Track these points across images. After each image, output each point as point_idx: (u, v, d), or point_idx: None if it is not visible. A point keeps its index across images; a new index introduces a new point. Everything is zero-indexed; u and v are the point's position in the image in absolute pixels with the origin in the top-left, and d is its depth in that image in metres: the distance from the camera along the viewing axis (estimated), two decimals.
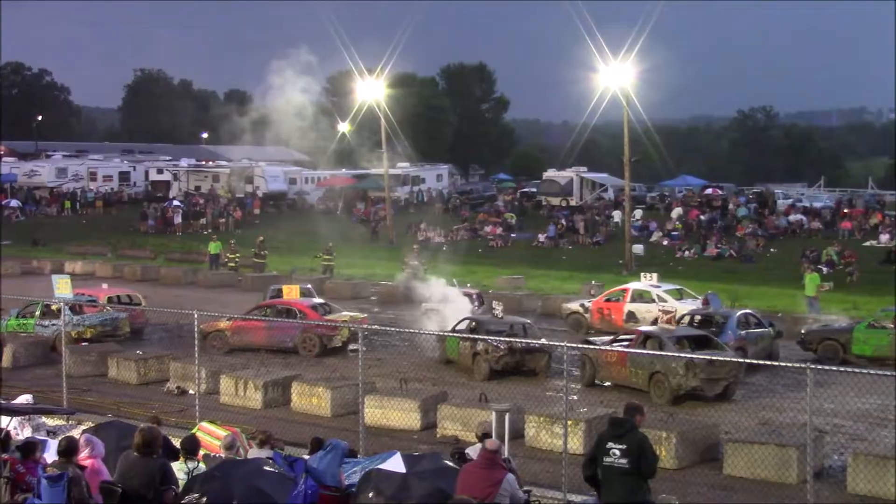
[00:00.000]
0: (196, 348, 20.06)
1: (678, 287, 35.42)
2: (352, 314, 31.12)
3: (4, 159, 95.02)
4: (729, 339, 26.56)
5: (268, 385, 23.18)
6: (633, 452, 11.77)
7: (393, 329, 26.55)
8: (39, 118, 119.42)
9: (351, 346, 29.21)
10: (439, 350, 28.73)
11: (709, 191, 74.03)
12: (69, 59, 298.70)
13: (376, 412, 20.73)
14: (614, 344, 25.72)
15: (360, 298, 42.15)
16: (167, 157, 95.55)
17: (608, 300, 34.34)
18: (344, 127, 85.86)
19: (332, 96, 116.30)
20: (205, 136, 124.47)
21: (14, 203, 76.49)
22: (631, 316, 33.15)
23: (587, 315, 34.21)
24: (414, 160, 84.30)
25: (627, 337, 26.54)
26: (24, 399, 20.80)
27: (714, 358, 21.84)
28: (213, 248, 51.05)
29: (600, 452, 11.98)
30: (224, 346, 29.95)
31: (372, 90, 64.11)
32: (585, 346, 24.53)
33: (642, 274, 36.52)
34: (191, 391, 22.94)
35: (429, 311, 32.42)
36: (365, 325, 19.70)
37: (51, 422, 19.44)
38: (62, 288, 30.99)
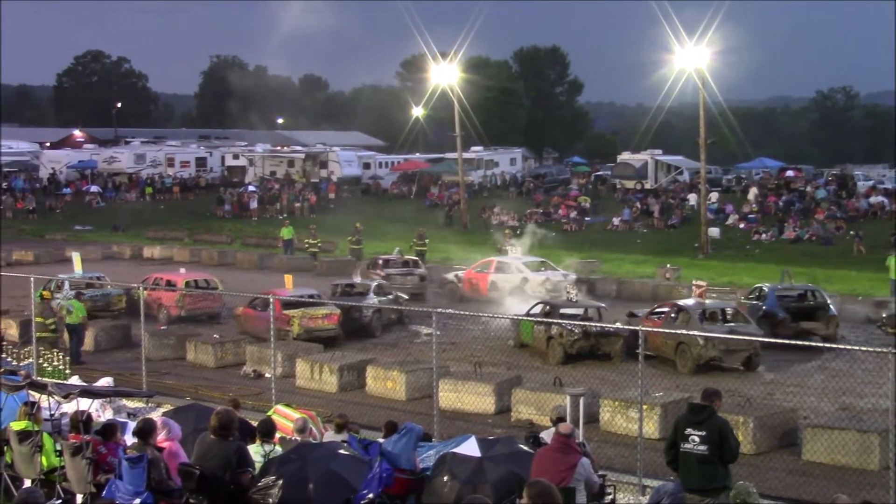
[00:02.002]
0: (272, 332, 20.20)
1: (541, 259, 38.39)
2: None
3: (85, 146, 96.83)
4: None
5: (343, 369, 23.29)
6: (713, 439, 11.64)
7: (467, 313, 26.48)
8: (118, 105, 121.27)
9: (426, 330, 29.26)
10: (513, 334, 28.69)
11: (787, 173, 72.89)
12: (147, 47, 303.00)
13: (450, 396, 20.74)
14: (651, 315, 27.51)
15: (433, 283, 42.20)
16: (243, 143, 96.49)
17: (477, 271, 37.31)
18: (418, 111, 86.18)
19: (406, 81, 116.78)
20: (280, 121, 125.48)
21: (94, 189, 77.75)
22: (493, 285, 36.13)
23: (460, 285, 36.77)
24: (487, 144, 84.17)
25: (661, 310, 28.00)
26: (104, 382, 21.25)
27: (707, 336, 23.77)
28: (286, 233, 51.19)
29: (679, 438, 11.86)
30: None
31: (446, 74, 64.10)
32: (669, 331, 24.34)
33: (508, 247, 40.24)
34: (267, 374, 23.14)
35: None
36: (439, 309, 19.66)
37: (131, 404, 19.77)
38: (77, 265, 34.51)
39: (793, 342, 23.87)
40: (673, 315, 26.72)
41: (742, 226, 58.18)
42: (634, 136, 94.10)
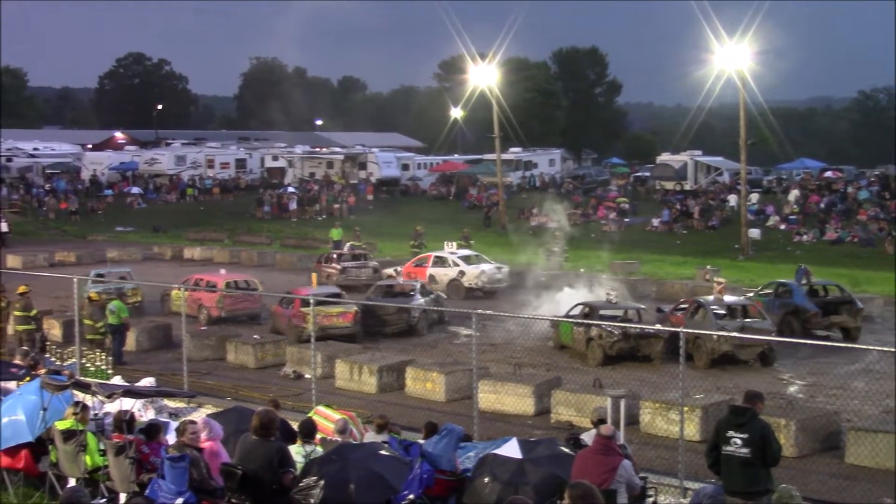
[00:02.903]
0: (312, 333, 20.25)
1: (476, 253, 41.11)
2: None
3: (126, 148, 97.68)
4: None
5: (382, 370, 23.32)
6: (754, 441, 11.56)
7: (507, 314, 26.39)
8: (159, 107, 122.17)
9: (465, 331, 29.28)
10: (553, 335, 28.64)
11: (828, 173, 72.30)
12: (187, 49, 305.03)
13: (490, 397, 20.75)
14: (676, 312, 28.31)
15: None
16: (282, 144, 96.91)
17: (416, 265, 39.58)
18: (457, 112, 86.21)
19: (445, 82, 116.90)
20: (319, 122, 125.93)
21: (135, 190, 78.38)
22: (432, 278, 38.16)
23: (400, 279, 37.36)
24: (526, 145, 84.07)
25: (683, 306, 28.78)
26: (146, 382, 21.42)
27: (703, 332, 24.68)
28: (336, 234, 50.76)
29: (720, 440, 11.80)
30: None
31: (484, 75, 64.08)
32: (700, 331, 24.22)
33: (445, 242, 41.96)
34: (307, 375, 23.22)
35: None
36: (479, 311, 19.66)
37: (172, 404, 19.89)
38: None
39: (808, 342, 24.08)
40: (693, 311, 27.46)
41: (783, 227, 57.78)
42: (674, 136, 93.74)
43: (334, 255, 42.25)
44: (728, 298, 28.36)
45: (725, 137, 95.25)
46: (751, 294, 30.93)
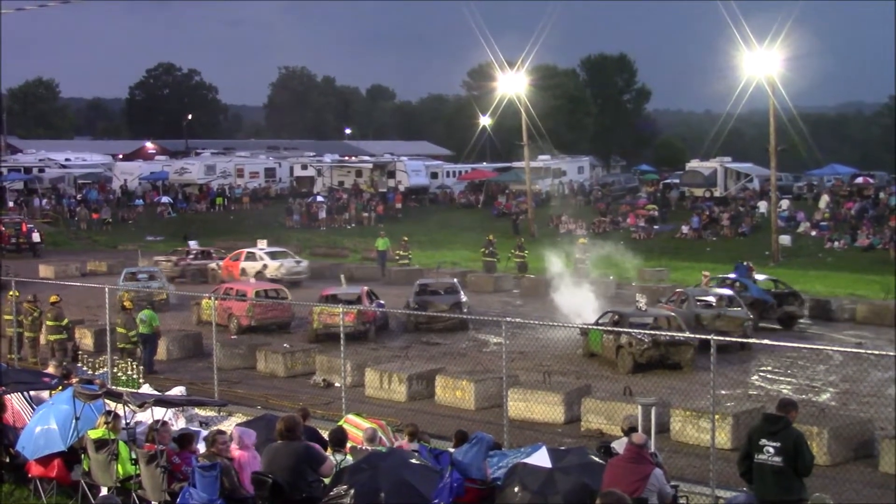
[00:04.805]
0: (342, 341, 20.23)
1: (283, 249, 48.08)
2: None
3: (156, 157, 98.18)
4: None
5: (412, 378, 23.34)
6: (787, 450, 11.47)
7: (536, 322, 26.32)
8: (189, 117, 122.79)
9: (495, 340, 29.24)
10: (582, 343, 28.55)
11: (859, 179, 71.77)
12: (217, 59, 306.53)
13: (520, 405, 20.69)
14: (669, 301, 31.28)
15: (501, 291, 42.26)
16: (311, 153, 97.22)
17: (233, 260, 45.35)
18: (485, 120, 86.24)
19: (473, 90, 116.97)
20: (348, 131, 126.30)
21: (165, 200, 78.79)
22: (243, 271, 44.00)
23: (220, 271, 44.96)
24: (555, 152, 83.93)
25: (673, 298, 31.58)
26: (177, 391, 21.47)
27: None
28: (381, 244, 49.05)
29: (753, 449, 11.71)
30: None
31: (513, 83, 64.03)
32: (726, 338, 24.12)
33: (257, 240, 48.70)
34: (337, 384, 23.25)
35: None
36: (508, 319, 19.64)
37: (203, 413, 19.94)
38: None
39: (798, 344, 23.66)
40: (679, 302, 30.50)
41: (814, 234, 57.45)
42: (703, 143, 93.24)
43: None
44: (717, 290, 31.63)
45: (755, 144, 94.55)
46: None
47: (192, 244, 51.93)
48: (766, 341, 24.30)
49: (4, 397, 16.39)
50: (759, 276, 36.26)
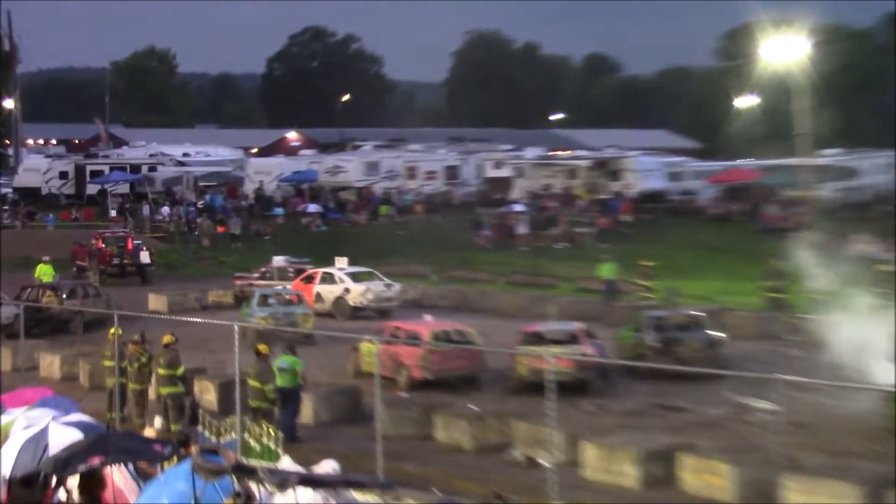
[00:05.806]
0: (552, 400, 20.02)
1: (368, 270, 49.50)
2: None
3: (302, 152, 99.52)
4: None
5: (647, 456, 23.06)
6: None
7: (816, 381, 25.74)
8: (345, 98, 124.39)
9: (762, 405, 28.60)
10: (887, 412, 27.68)
11: None
12: (382, 21, 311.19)
13: (801, 497, 20.28)
14: None
15: (769, 338, 41.47)
16: (507, 147, 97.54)
17: (304, 283, 47.75)
18: (746, 101, 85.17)
19: (728, 60, 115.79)
20: (557, 116, 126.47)
21: (313, 208, 79.84)
22: (318, 297, 46.56)
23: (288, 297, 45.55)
24: (846, 145, 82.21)
25: None
26: (328, 467, 21.62)
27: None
28: (606, 271, 48.86)
29: None
30: None
31: (785, 50, 63.03)
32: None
33: (336, 258, 50.96)
34: (543, 462, 23.10)
35: None
36: (777, 375, 19.20)
37: (362, 497, 20.04)
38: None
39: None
40: None
41: None
42: None
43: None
44: None
45: None
46: None
47: (279, 260, 53.38)
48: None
49: (104, 470, 16.76)
50: None
